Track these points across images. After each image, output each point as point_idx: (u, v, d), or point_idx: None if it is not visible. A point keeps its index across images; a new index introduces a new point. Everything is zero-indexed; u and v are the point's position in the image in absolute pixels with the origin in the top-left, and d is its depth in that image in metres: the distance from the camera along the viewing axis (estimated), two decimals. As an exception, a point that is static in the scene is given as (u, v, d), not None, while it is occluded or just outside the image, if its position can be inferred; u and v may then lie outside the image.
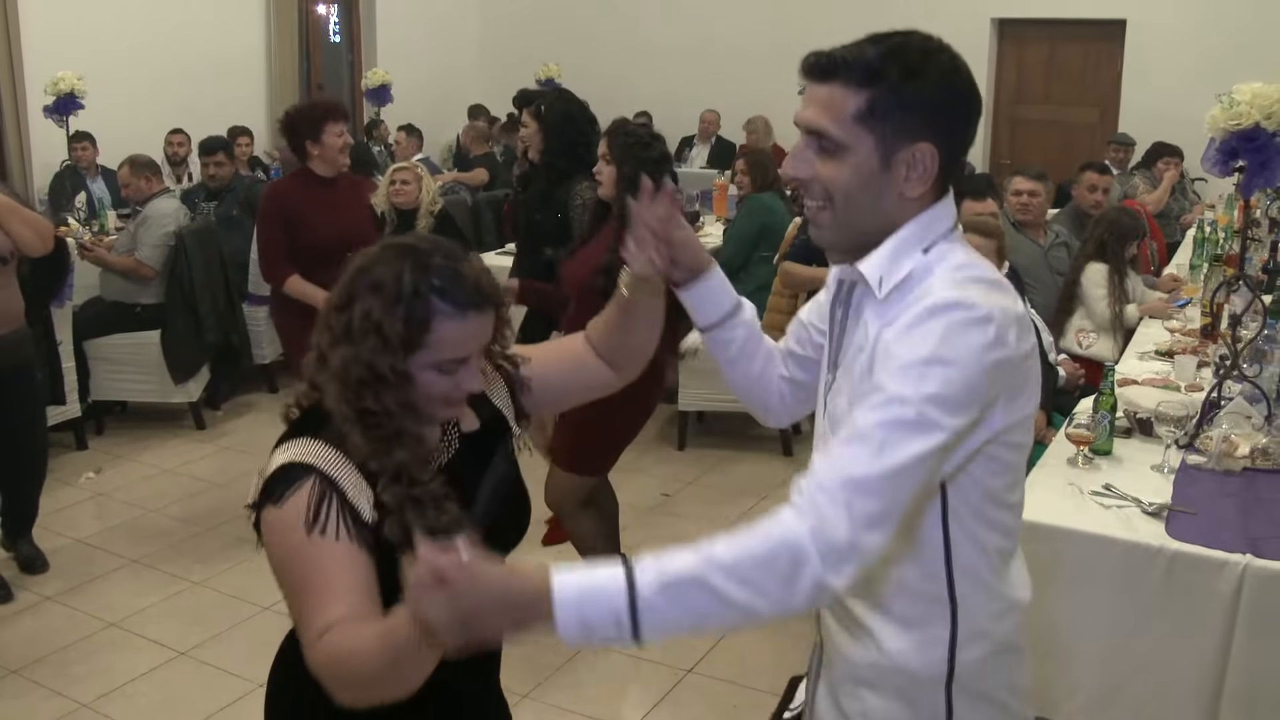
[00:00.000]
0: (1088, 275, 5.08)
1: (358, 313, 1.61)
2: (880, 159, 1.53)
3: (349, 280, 1.66)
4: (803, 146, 1.58)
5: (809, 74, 1.57)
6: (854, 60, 1.53)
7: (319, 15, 11.31)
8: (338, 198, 4.61)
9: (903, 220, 1.57)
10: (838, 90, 1.53)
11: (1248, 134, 3.06)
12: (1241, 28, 9.01)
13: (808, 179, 1.58)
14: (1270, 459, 3.13)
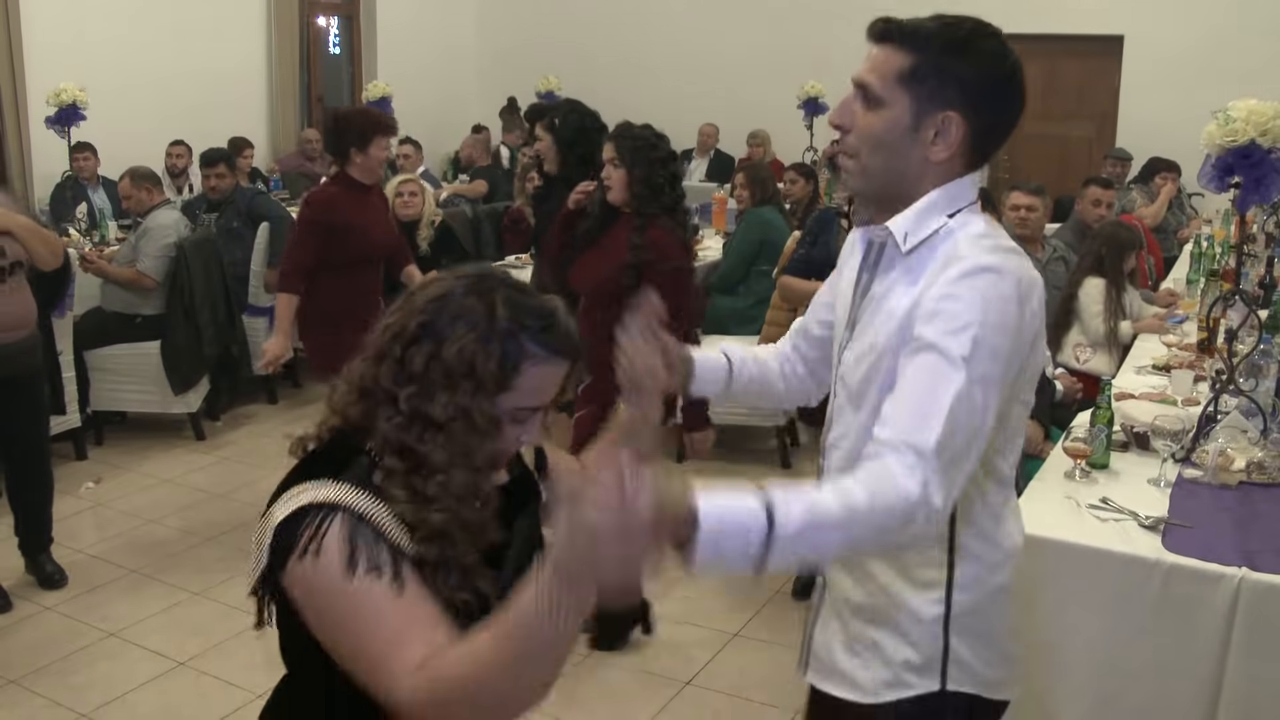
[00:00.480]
0: (1085, 291, 5.10)
1: (450, 349, 1.45)
2: (912, 118, 1.70)
3: (418, 308, 1.49)
4: (851, 98, 1.74)
5: (873, 36, 1.74)
6: (909, 28, 1.71)
7: (319, 27, 11.35)
8: (380, 206, 4.79)
9: (925, 181, 1.73)
10: (889, 51, 1.71)
11: (1243, 151, 3.08)
12: (1238, 44, 9.06)
13: (849, 126, 1.74)
14: (1266, 473, 3.14)
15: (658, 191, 3.72)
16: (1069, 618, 2.77)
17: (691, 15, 11.37)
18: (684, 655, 4.02)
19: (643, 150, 3.74)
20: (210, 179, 6.84)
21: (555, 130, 4.55)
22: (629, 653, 4.06)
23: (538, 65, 11.24)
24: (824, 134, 8.97)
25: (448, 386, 1.45)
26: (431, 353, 1.46)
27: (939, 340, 1.60)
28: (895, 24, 1.72)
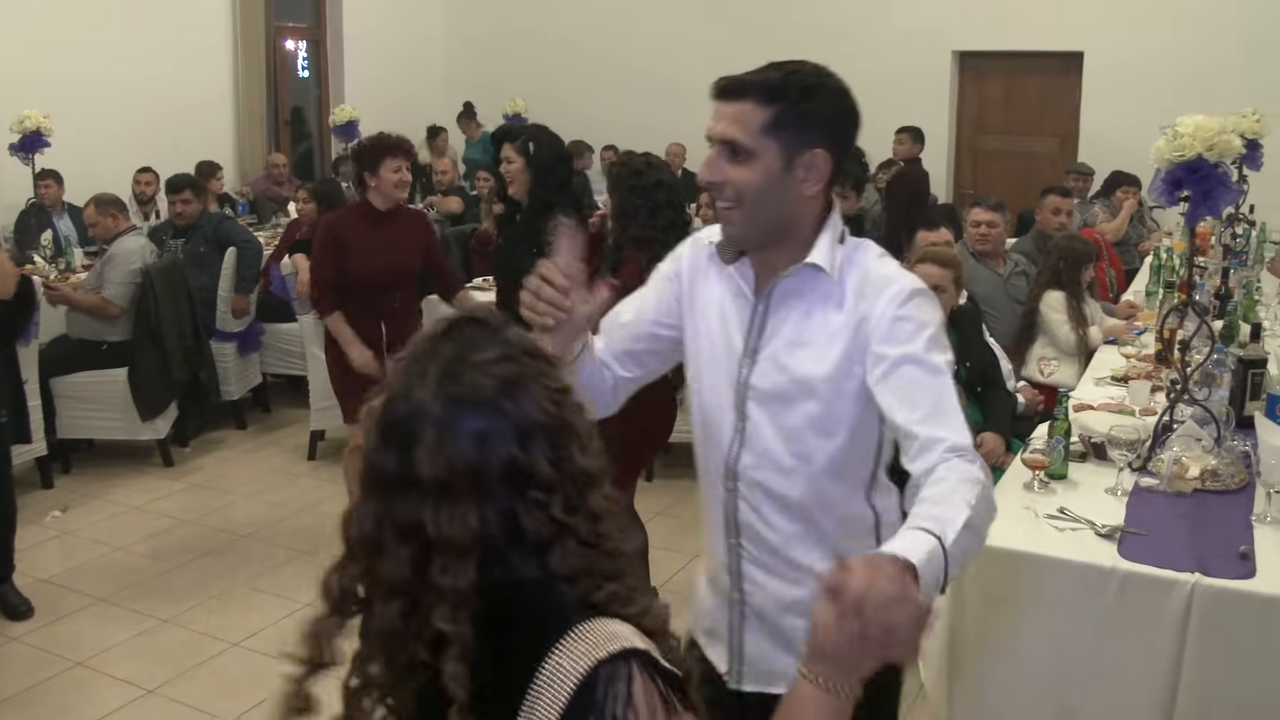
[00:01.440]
0: (1046, 302, 5.16)
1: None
2: (783, 163, 1.86)
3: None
4: (715, 155, 1.89)
5: (722, 95, 1.89)
6: (761, 82, 1.86)
7: (287, 51, 11.37)
8: (390, 232, 4.71)
9: (804, 214, 1.92)
10: (747, 107, 1.85)
11: (1191, 165, 3.13)
12: (1196, 60, 9.19)
13: (721, 182, 1.88)
14: (1220, 480, 3.20)
15: (631, 218, 3.72)
16: (1027, 627, 2.81)
17: (658, 37, 11.44)
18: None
19: (623, 178, 3.74)
20: (176, 205, 6.84)
21: (529, 154, 4.49)
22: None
23: (505, 88, 11.28)
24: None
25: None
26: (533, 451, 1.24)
27: (919, 354, 1.84)
28: (746, 81, 1.87)
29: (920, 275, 4.24)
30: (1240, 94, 7.08)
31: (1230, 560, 2.72)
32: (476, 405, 1.21)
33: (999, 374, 4.47)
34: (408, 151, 4.78)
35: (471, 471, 1.20)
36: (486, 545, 1.21)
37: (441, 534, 1.19)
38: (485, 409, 1.21)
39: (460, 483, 1.19)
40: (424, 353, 1.25)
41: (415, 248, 4.80)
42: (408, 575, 1.21)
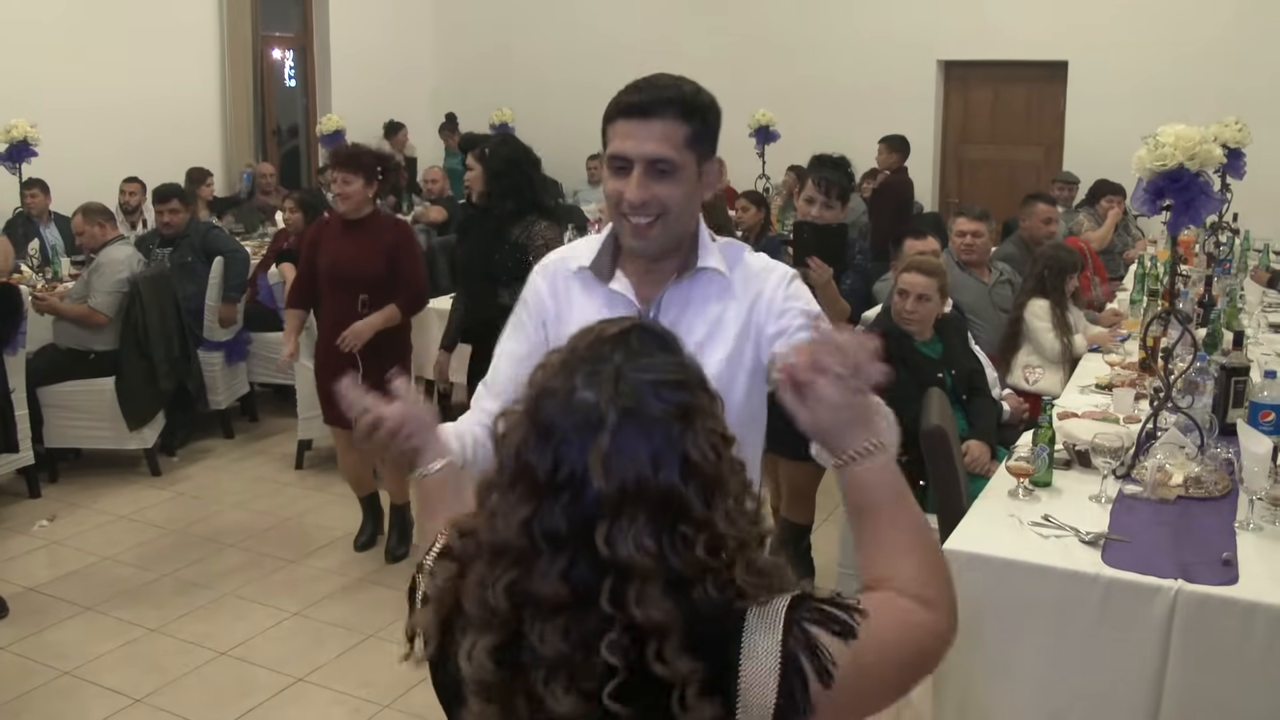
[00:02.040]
0: (1031, 310, 5.19)
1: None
2: (697, 175, 1.96)
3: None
4: (643, 176, 1.91)
5: (644, 113, 1.92)
6: (679, 98, 1.93)
7: (274, 60, 11.36)
8: (355, 238, 4.86)
9: (694, 222, 2.02)
10: (669, 124, 1.91)
11: (1173, 174, 3.16)
12: (1180, 69, 9.25)
13: (649, 200, 1.92)
14: (1203, 487, 3.22)
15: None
16: (1012, 633, 2.83)
17: (645, 48, 11.45)
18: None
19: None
20: (164, 214, 6.83)
21: (485, 160, 4.61)
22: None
23: (492, 99, 11.29)
24: (775, 162, 9.07)
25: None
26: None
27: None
28: (667, 98, 1.92)
29: (906, 284, 4.31)
30: (1224, 103, 7.14)
31: (1213, 567, 2.74)
32: (650, 425, 1.17)
33: (984, 382, 4.50)
34: (342, 163, 4.88)
35: (638, 490, 1.15)
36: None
37: (616, 554, 1.14)
38: (658, 431, 1.17)
39: (632, 499, 1.15)
40: (591, 354, 1.22)
41: (376, 253, 4.86)
42: (565, 593, 1.16)
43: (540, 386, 1.20)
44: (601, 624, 1.14)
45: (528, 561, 1.16)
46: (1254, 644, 2.59)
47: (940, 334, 4.42)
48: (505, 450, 1.20)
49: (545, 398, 1.19)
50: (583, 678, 1.14)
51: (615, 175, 1.95)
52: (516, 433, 1.20)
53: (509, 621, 1.16)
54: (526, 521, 1.16)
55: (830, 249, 4.10)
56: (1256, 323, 5.56)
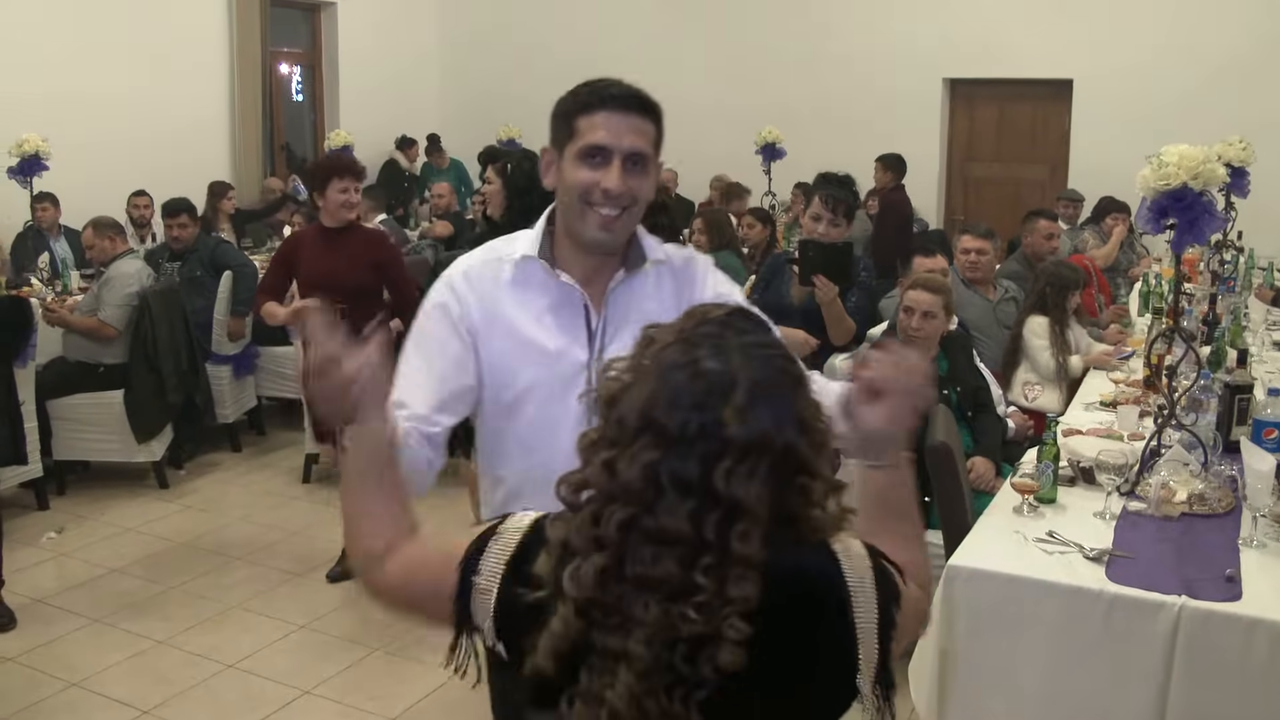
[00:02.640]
0: (1029, 328, 5.21)
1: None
2: (655, 171, 2.05)
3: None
4: (622, 168, 1.97)
5: (632, 108, 1.99)
6: (648, 99, 2.02)
7: (282, 75, 11.44)
8: (338, 249, 4.87)
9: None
10: (644, 121, 2.00)
11: (1176, 194, 3.18)
12: (1185, 87, 9.29)
13: (624, 191, 1.97)
14: (1207, 504, 3.24)
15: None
16: (1016, 649, 2.84)
17: (652, 63, 11.46)
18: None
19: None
20: (173, 229, 6.87)
21: (508, 175, 4.61)
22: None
23: (499, 114, 11.35)
24: (782, 179, 9.11)
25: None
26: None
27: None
28: (643, 98, 2.02)
29: (911, 301, 4.33)
30: (1229, 121, 7.17)
31: (1217, 583, 2.75)
32: (771, 389, 1.35)
33: (989, 399, 4.52)
34: (356, 173, 4.95)
35: (766, 443, 1.33)
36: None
37: (733, 494, 1.31)
38: (777, 395, 1.35)
39: (757, 450, 1.32)
40: (704, 332, 1.38)
41: (361, 265, 4.88)
42: (688, 530, 1.31)
43: (661, 360, 1.36)
44: (699, 552, 1.31)
45: (648, 501, 1.32)
46: (1257, 660, 2.60)
47: (946, 351, 4.44)
48: (625, 409, 1.35)
49: (671, 370, 1.34)
50: (673, 595, 1.30)
51: (588, 166, 1.97)
52: (638, 396, 1.35)
53: (617, 547, 1.32)
54: (652, 465, 1.32)
55: (836, 267, 4.12)
56: (1261, 341, 5.58)
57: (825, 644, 1.40)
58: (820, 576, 1.41)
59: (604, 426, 1.37)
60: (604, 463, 1.35)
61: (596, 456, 1.36)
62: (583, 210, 1.99)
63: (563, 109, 2.02)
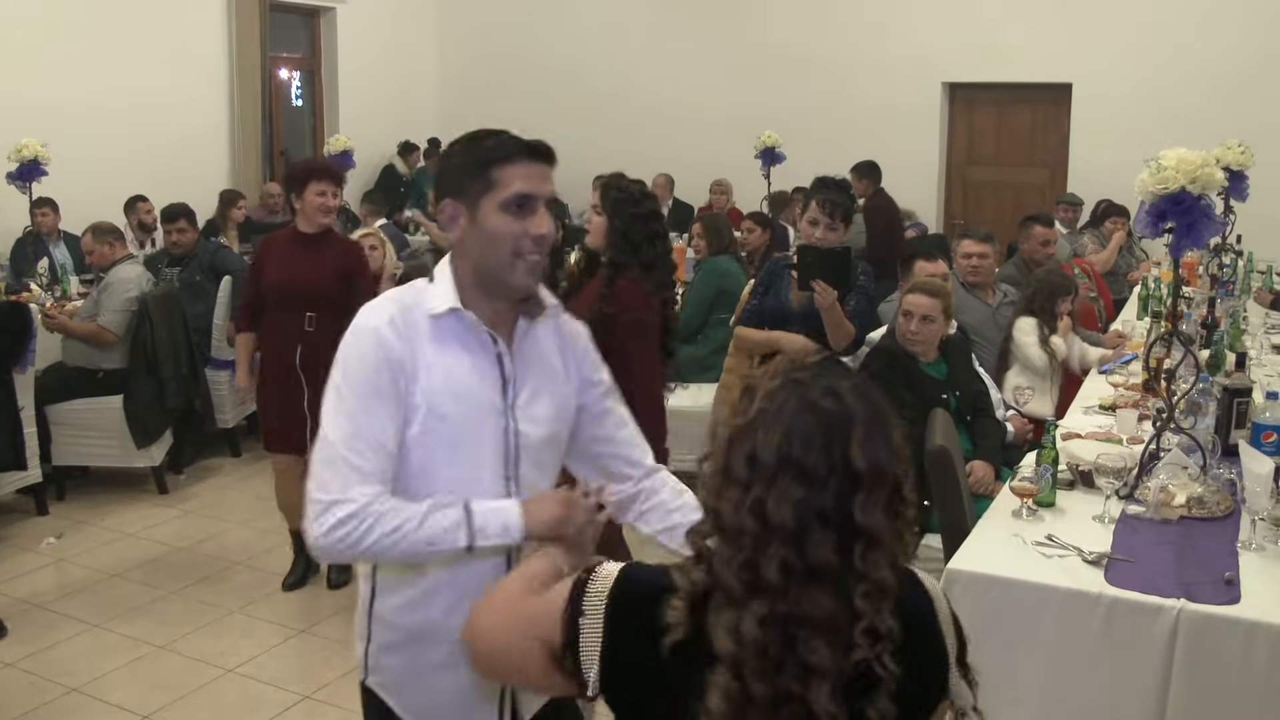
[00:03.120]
0: (1018, 328, 5.23)
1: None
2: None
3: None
4: (545, 212, 2.01)
5: (546, 158, 2.03)
6: (551, 148, 2.06)
7: (281, 80, 11.44)
8: (310, 254, 4.78)
9: None
10: (551, 169, 2.05)
11: (1174, 197, 3.18)
12: (1184, 91, 9.29)
13: (552, 235, 2.03)
14: (1205, 507, 3.24)
15: (635, 247, 3.75)
16: (1016, 652, 2.84)
17: (650, 69, 11.54)
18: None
19: (624, 203, 3.77)
20: (172, 234, 6.88)
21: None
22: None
23: (498, 118, 11.25)
24: (781, 183, 9.12)
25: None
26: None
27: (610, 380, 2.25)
28: (549, 147, 2.06)
29: (910, 305, 4.33)
30: (1228, 125, 7.17)
31: (1215, 586, 2.76)
32: (876, 423, 1.43)
33: (988, 403, 4.52)
34: (334, 176, 4.88)
35: (884, 473, 1.41)
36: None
37: (870, 524, 1.39)
38: (878, 426, 1.43)
39: (879, 481, 1.40)
40: (807, 378, 1.45)
41: (332, 273, 4.79)
42: (836, 563, 1.38)
43: (780, 402, 1.43)
44: (854, 583, 1.39)
45: (797, 538, 1.38)
46: (1256, 663, 2.60)
47: (945, 355, 4.45)
48: (758, 450, 1.41)
49: (797, 411, 1.42)
50: (839, 632, 1.38)
51: (514, 215, 1.97)
52: (768, 439, 1.41)
53: (778, 591, 1.37)
54: (801, 503, 1.38)
55: (835, 271, 4.12)
56: (1259, 344, 5.58)
57: (930, 668, 1.53)
58: (920, 602, 1.54)
59: (728, 470, 1.43)
60: (751, 505, 1.39)
61: (728, 501, 1.41)
62: (512, 261, 1.99)
63: (474, 161, 1.99)
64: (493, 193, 1.97)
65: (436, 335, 2.01)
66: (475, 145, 2.02)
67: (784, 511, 1.37)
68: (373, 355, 1.95)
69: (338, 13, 11.48)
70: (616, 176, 3.89)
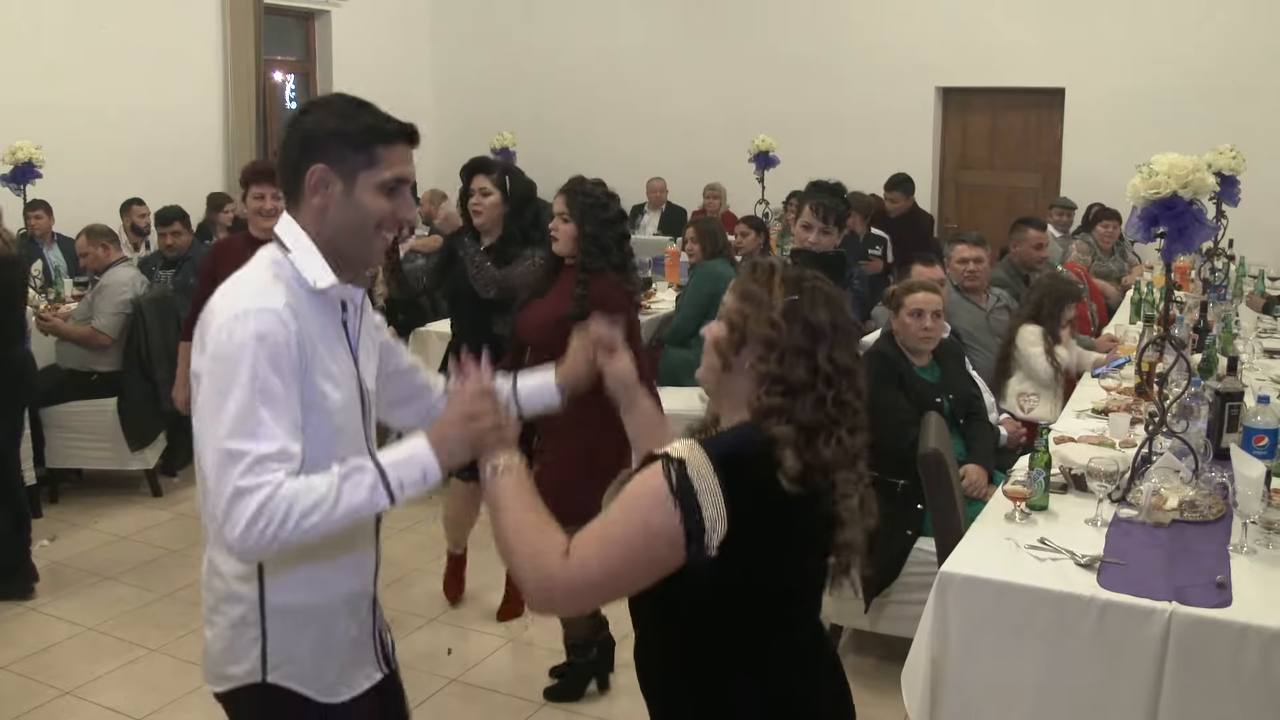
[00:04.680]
0: (1022, 336, 5.23)
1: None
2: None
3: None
4: (410, 196, 2.09)
5: (415, 141, 2.10)
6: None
7: (276, 83, 11.43)
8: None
9: None
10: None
11: (1166, 202, 3.20)
12: (1176, 96, 9.31)
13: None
14: (1197, 511, 3.25)
15: (606, 250, 3.78)
16: (1008, 655, 2.86)
17: (644, 72, 11.55)
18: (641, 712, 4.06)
19: (593, 209, 3.79)
20: (167, 237, 6.88)
21: (507, 185, 4.56)
22: (585, 704, 4.11)
23: (493, 122, 11.36)
24: (776, 187, 9.13)
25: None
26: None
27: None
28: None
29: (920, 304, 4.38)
30: (1220, 130, 7.18)
31: (1207, 589, 2.77)
32: (848, 329, 1.93)
33: (982, 407, 4.53)
34: (273, 178, 4.75)
35: (852, 359, 1.91)
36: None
37: (837, 363, 1.87)
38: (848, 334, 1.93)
39: (843, 367, 1.88)
40: (801, 298, 1.89)
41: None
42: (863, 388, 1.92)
43: (810, 299, 1.90)
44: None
45: (851, 372, 1.90)
46: (1247, 665, 2.61)
47: (938, 359, 4.46)
48: (788, 340, 1.86)
49: (820, 304, 1.90)
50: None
51: (386, 196, 2.02)
52: (819, 313, 1.89)
53: (849, 408, 1.89)
54: (812, 368, 1.86)
55: (828, 275, 4.13)
56: (1251, 348, 5.60)
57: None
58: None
59: (788, 346, 1.85)
60: (824, 360, 1.86)
61: (797, 366, 1.85)
62: (375, 237, 2.03)
63: (358, 134, 2.00)
64: (373, 170, 2.00)
65: (314, 312, 2.01)
66: (355, 117, 2.03)
67: (846, 358, 1.88)
68: (276, 338, 1.90)
69: (332, 16, 11.47)
70: (579, 181, 3.91)
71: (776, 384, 1.84)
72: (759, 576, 1.83)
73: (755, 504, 1.78)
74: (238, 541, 1.82)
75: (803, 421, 1.82)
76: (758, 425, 1.84)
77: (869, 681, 4.11)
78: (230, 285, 2.01)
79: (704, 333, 1.99)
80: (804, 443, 1.81)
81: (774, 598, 1.88)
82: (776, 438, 1.81)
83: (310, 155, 2.00)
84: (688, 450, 1.79)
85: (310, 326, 1.98)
